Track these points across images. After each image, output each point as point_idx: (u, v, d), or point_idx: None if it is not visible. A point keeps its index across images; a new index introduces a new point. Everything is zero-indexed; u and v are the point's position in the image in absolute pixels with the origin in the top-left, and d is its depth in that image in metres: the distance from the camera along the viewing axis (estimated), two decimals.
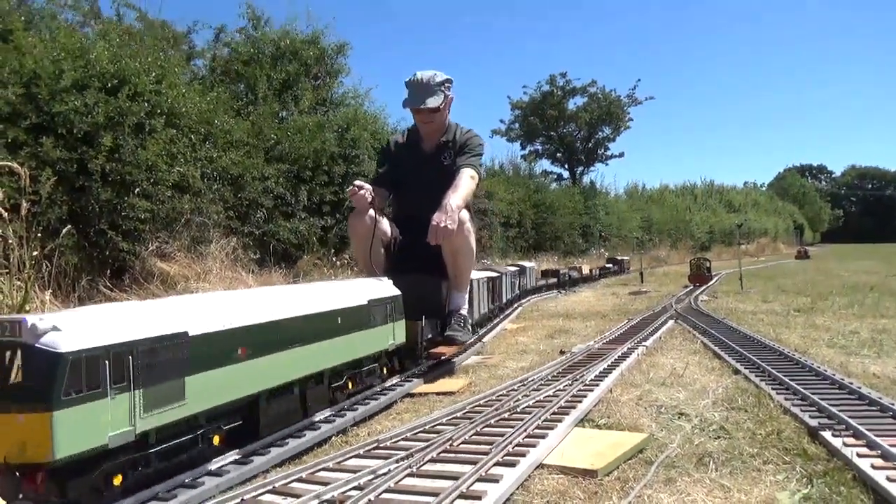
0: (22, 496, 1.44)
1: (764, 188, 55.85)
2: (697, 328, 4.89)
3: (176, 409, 1.67)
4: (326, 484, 1.68)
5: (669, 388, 2.92)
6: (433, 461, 1.87)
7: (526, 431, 2.09)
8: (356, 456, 1.97)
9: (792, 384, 2.73)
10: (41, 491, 1.43)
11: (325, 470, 1.84)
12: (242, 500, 1.64)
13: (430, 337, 3.43)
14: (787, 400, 2.53)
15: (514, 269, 7.22)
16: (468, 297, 3.94)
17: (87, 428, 1.44)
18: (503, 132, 25.11)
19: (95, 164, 4.95)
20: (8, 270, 3.54)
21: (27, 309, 3.51)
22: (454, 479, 1.66)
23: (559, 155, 25.16)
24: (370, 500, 1.58)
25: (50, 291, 4.20)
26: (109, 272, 5.16)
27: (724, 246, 29.19)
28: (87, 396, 1.43)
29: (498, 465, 1.81)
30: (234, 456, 1.94)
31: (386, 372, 2.98)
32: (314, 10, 16.58)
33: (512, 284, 6.78)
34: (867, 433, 1.96)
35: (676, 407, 2.56)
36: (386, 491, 1.63)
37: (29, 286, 3.59)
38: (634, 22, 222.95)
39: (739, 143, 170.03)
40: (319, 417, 2.38)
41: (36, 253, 3.72)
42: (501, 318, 5.84)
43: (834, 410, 2.25)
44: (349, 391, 2.62)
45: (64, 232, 4.18)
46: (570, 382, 2.84)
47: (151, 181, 5.41)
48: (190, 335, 1.72)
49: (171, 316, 1.74)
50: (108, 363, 1.48)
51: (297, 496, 1.62)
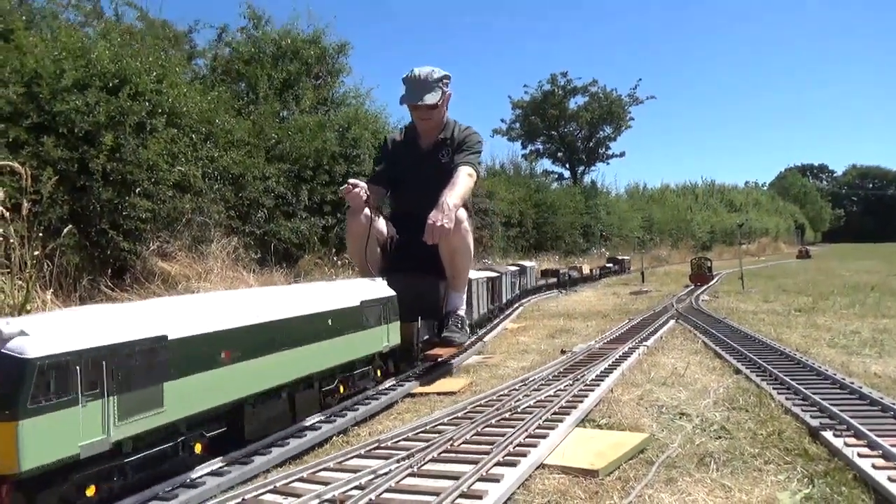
0: None
1: (765, 188, 55.85)
2: (698, 328, 4.88)
3: (153, 416, 1.61)
4: (327, 483, 1.68)
5: (670, 387, 2.92)
6: (434, 461, 1.87)
7: (527, 431, 2.09)
8: (357, 456, 1.97)
9: (793, 384, 2.72)
10: None
11: (325, 470, 1.85)
12: (243, 499, 1.64)
13: (426, 338, 3.36)
14: (788, 400, 2.53)
15: (514, 268, 7.18)
16: (467, 297, 3.88)
17: (56, 437, 1.37)
18: (504, 131, 25.12)
19: (96, 163, 4.95)
20: (9, 270, 3.55)
21: (28, 308, 3.52)
22: (455, 478, 1.66)
23: (560, 154, 25.15)
24: (371, 499, 1.58)
25: (51, 291, 4.21)
26: (110, 272, 5.17)
27: (725, 245, 29.18)
28: (56, 404, 1.37)
29: (499, 464, 1.80)
30: (218, 464, 1.88)
31: (380, 375, 2.92)
32: (315, 9, 16.59)
33: (512, 284, 6.77)
34: (868, 433, 1.96)
35: (677, 407, 2.56)
36: (387, 491, 1.63)
37: (30, 286, 3.60)
38: (635, 21, 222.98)
39: (740, 142, 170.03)
40: (311, 421, 2.33)
41: (37, 252, 3.72)
42: (502, 318, 5.83)
43: (835, 410, 2.25)
44: (341, 395, 2.56)
45: (65, 231, 4.19)
46: (571, 382, 2.84)
47: (152, 181, 5.42)
48: (169, 339, 1.66)
49: (148, 319, 1.68)
50: (79, 369, 1.42)
51: (297, 496, 1.62)
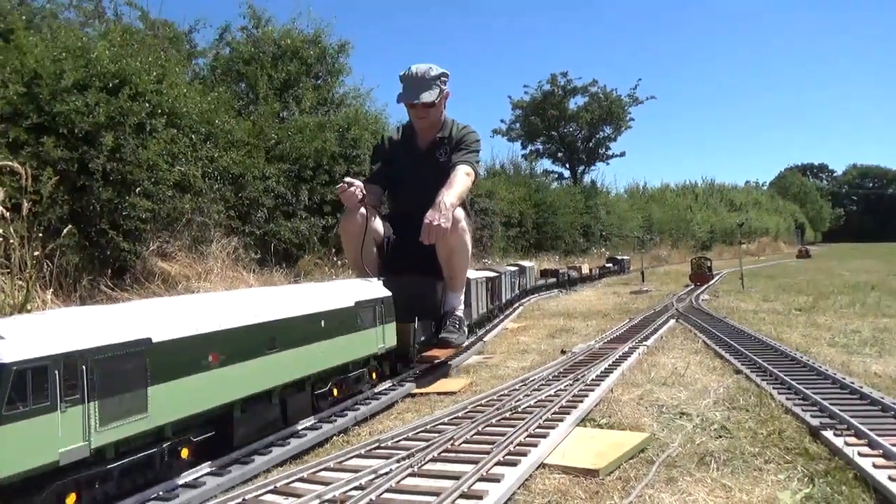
0: None
1: (765, 187, 55.87)
2: (699, 327, 4.88)
3: (137, 421, 1.56)
4: (328, 483, 1.68)
5: (671, 387, 2.92)
6: (434, 461, 1.87)
7: (527, 431, 2.09)
8: (357, 455, 1.97)
9: (793, 384, 2.72)
10: None
11: (326, 470, 1.84)
12: (244, 499, 1.64)
13: (423, 339, 3.31)
14: (788, 399, 2.53)
15: (513, 268, 7.14)
16: (466, 297, 3.84)
17: (33, 444, 1.33)
18: (504, 132, 25.15)
19: (96, 163, 4.95)
20: (9, 270, 3.55)
21: (29, 308, 3.52)
22: (455, 478, 1.66)
23: (560, 154, 25.16)
24: (371, 499, 1.58)
25: (51, 291, 4.22)
26: (110, 272, 5.17)
27: (725, 245, 29.20)
28: (33, 410, 1.33)
29: (499, 464, 1.80)
30: (206, 469, 1.84)
31: (375, 377, 2.87)
32: (315, 9, 16.60)
33: (512, 284, 6.75)
34: (868, 432, 1.96)
35: (678, 406, 2.56)
36: (387, 490, 1.63)
37: (30, 286, 3.60)
38: (635, 22, 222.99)
39: (740, 142, 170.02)
40: (303, 425, 2.28)
41: (37, 252, 3.72)
42: (501, 318, 5.82)
43: (835, 410, 2.25)
44: (335, 398, 2.51)
45: (65, 231, 4.18)
46: (571, 382, 2.84)
47: (152, 181, 5.42)
48: (153, 342, 1.61)
49: (132, 321, 1.62)
50: (58, 374, 1.37)
51: (298, 496, 1.62)
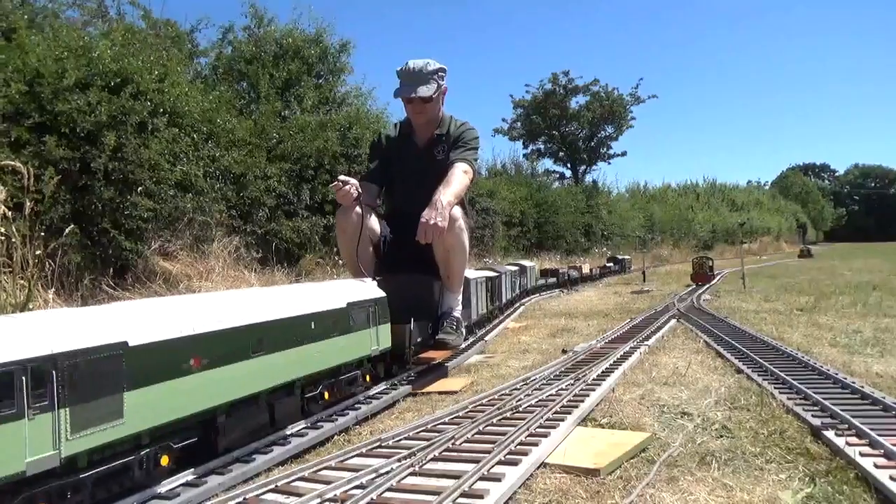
0: None
1: (767, 187, 55.81)
2: (700, 327, 4.88)
3: (112, 428, 1.49)
4: (328, 483, 1.68)
5: (672, 387, 2.92)
6: (435, 460, 1.87)
7: (528, 430, 2.09)
8: (358, 455, 1.97)
9: (795, 383, 2.72)
10: None
11: (327, 469, 1.85)
12: (245, 498, 1.64)
13: (419, 340, 3.25)
14: (789, 399, 2.53)
15: (514, 268, 7.10)
16: (465, 298, 3.80)
17: None
18: (505, 131, 25.10)
19: (98, 162, 4.96)
20: (11, 269, 3.56)
21: (30, 308, 3.53)
22: (456, 477, 1.67)
23: (561, 154, 25.14)
24: (372, 498, 1.58)
25: (53, 290, 4.23)
26: (112, 271, 5.18)
27: (726, 245, 29.18)
28: None
29: (500, 463, 1.80)
30: (188, 476, 1.77)
31: (369, 379, 2.81)
32: (317, 8, 16.59)
33: (512, 284, 6.74)
34: (870, 432, 1.95)
35: (679, 406, 2.56)
36: (388, 490, 1.64)
37: (32, 285, 3.61)
38: (637, 21, 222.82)
39: (742, 141, 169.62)
40: (292, 430, 2.22)
41: (39, 252, 3.73)
42: (502, 318, 5.81)
43: (837, 410, 2.24)
44: (326, 402, 2.44)
45: (67, 231, 4.19)
46: (572, 381, 2.84)
47: (154, 180, 5.42)
48: (130, 345, 1.55)
49: (107, 324, 1.56)
50: (25, 379, 1.31)
51: (299, 495, 1.62)
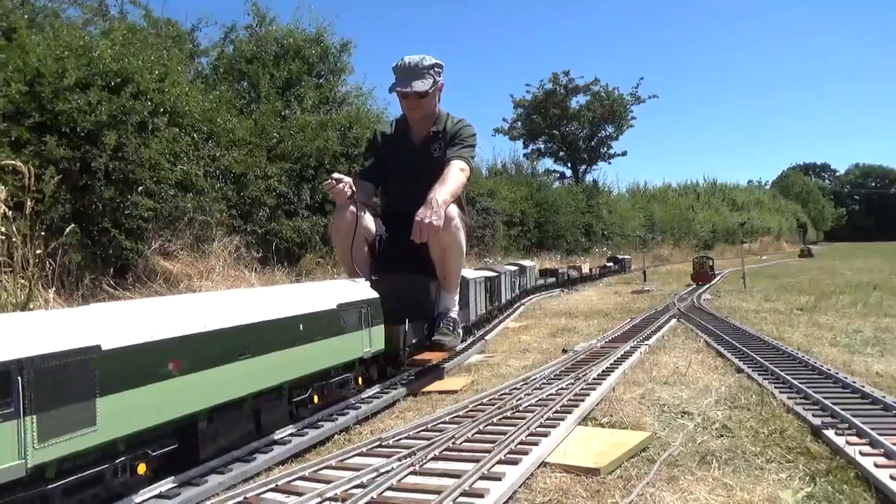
0: None
1: (767, 187, 55.80)
2: (700, 327, 4.88)
3: (83, 436, 1.42)
4: (329, 482, 1.68)
5: (672, 386, 2.92)
6: (436, 459, 1.87)
7: (528, 430, 2.09)
8: (359, 454, 1.97)
9: (795, 383, 2.72)
10: None
11: (327, 468, 1.85)
12: (245, 497, 1.64)
13: (414, 342, 3.18)
14: (789, 398, 2.53)
15: (513, 268, 7.07)
16: (464, 298, 3.75)
17: None
18: (506, 130, 25.10)
19: (99, 162, 4.96)
20: (12, 269, 3.56)
21: (31, 307, 3.53)
22: (457, 476, 1.67)
23: (562, 153, 25.14)
24: (372, 497, 1.58)
25: (54, 290, 4.23)
26: (113, 270, 5.18)
27: (727, 244, 29.17)
28: None
29: (500, 463, 1.80)
30: (169, 484, 1.71)
31: (361, 382, 2.74)
32: (317, 7, 16.61)
33: (512, 284, 6.72)
34: (870, 432, 1.95)
35: (679, 405, 2.56)
36: (388, 489, 1.64)
37: (33, 284, 3.61)
38: (638, 20, 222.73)
39: (743, 141, 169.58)
40: (280, 434, 2.17)
41: (40, 251, 3.73)
42: (501, 318, 5.79)
43: (837, 409, 2.25)
44: (315, 406, 2.37)
45: (67, 230, 4.19)
46: (572, 381, 2.84)
47: (154, 180, 5.43)
48: (103, 349, 1.48)
49: (79, 327, 1.49)
50: None
51: (299, 494, 1.62)
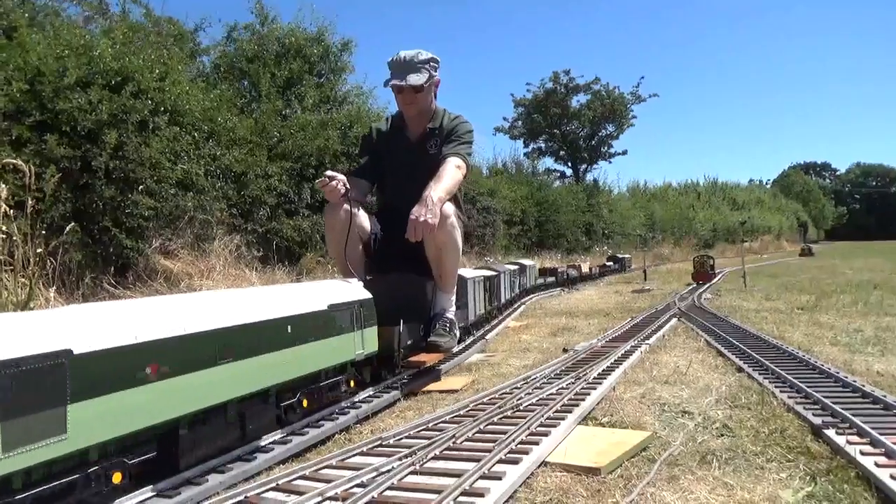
0: None
1: (768, 186, 55.79)
2: (701, 326, 4.88)
3: (52, 445, 1.36)
4: (329, 481, 1.68)
5: (673, 386, 2.92)
6: (436, 459, 1.87)
7: (529, 429, 2.09)
8: (359, 453, 1.97)
9: (795, 382, 2.72)
10: None
11: (328, 467, 1.85)
12: (246, 497, 1.64)
13: (409, 343, 3.12)
14: (790, 398, 2.53)
15: (513, 267, 7.05)
16: (463, 298, 3.72)
17: None
18: (506, 130, 25.11)
19: (99, 161, 4.96)
20: (12, 267, 3.56)
21: (31, 306, 3.53)
22: (457, 476, 1.67)
23: (562, 153, 25.14)
24: (373, 497, 1.58)
25: (54, 288, 4.23)
26: (113, 269, 5.18)
27: (727, 243, 29.17)
28: None
29: (501, 462, 1.80)
30: (147, 493, 1.65)
31: (354, 385, 2.67)
32: (318, 7, 16.58)
33: (511, 284, 6.70)
34: (871, 431, 1.95)
35: (680, 405, 2.56)
36: (389, 488, 1.64)
37: (33, 283, 3.61)
38: (638, 19, 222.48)
39: (743, 140, 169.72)
40: (267, 441, 2.11)
41: (40, 250, 3.73)
42: (501, 318, 5.78)
43: (837, 408, 2.25)
44: (305, 410, 2.32)
45: (68, 229, 4.19)
46: (573, 380, 2.84)
47: (155, 178, 5.43)
48: (75, 353, 1.41)
49: (50, 330, 1.43)
50: None
51: (300, 493, 1.62)
